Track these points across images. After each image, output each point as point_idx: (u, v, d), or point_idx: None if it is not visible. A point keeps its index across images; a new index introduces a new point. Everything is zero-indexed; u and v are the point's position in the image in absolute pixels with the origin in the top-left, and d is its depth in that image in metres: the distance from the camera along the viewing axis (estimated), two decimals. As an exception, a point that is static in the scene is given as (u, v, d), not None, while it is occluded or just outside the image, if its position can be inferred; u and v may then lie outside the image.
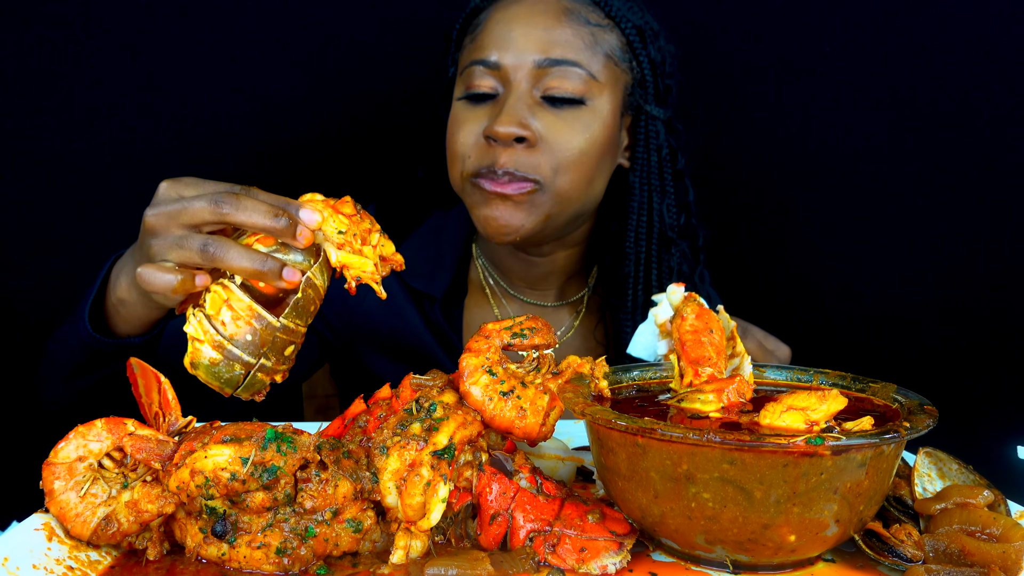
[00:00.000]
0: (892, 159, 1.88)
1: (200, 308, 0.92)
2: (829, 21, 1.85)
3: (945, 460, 0.99)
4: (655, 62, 1.46)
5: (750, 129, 1.91)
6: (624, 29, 1.43)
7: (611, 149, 1.43)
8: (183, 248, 0.94)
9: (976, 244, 1.88)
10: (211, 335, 0.91)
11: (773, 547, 0.82)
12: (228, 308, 0.92)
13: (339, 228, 0.96)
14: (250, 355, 0.91)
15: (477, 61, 1.38)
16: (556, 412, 0.93)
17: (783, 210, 1.94)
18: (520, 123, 1.32)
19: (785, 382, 1.03)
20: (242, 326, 0.91)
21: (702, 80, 1.85)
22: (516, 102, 1.34)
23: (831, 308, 1.29)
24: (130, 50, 1.76)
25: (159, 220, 0.97)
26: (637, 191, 1.49)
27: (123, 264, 1.08)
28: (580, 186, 1.38)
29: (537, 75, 1.35)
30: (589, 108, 1.37)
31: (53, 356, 1.18)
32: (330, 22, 1.81)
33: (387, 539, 0.87)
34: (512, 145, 1.33)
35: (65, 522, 0.84)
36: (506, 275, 1.56)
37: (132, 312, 1.07)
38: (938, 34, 1.83)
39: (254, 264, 0.92)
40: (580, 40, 1.37)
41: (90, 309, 1.10)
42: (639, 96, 1.47)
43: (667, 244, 1.53)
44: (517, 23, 1.38)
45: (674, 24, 1.57)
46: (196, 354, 0.91)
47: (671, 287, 1.09)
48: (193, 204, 0.95)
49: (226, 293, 0.92)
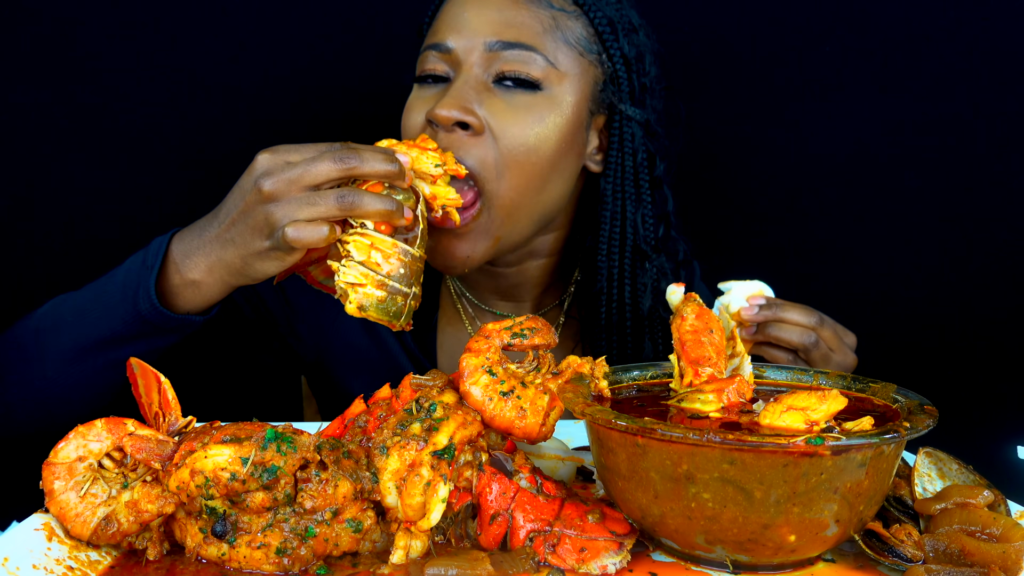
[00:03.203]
0: (892, 159, 1.88)
1: (347, 258, 1.02)
2: (829, 21, 1.85)
3: (945, 460, 0.99)
4: (628, 57, 1.35)
5: (748, 129, 1.91)
6: (594, 18, 1.32)
7: (572, 147, 1.31)
8: (316, 205, 1.01)
9: (976, 244, 1.88)
10: (372, 277, 1.01)
11: (773, 547, 0.82)
12: (375, 250, 1.02)
13: (434, 162, 1.10)
14: (405, 286, 1.03)
15: (430, 46, 1.30)
16: (556, 412, 0.93)
17: (782, 210, 1.94)
18: (463, 107, 1.21)
19: (785, 382, 1.03)
20: (394, 263, 1.03)
21: (701, 80, 1.85)
22: (463, 85, 1.24)
23: (830, 308, 1.29)
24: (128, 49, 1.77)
25: (279, 186, 1.03)
26: (610, 199, 1.38)
27: (196, 247, 1.10)
28: (529, 190, 1.26)
29: (489, 59, 1.25)
30: (545, 96, 1.26)
31: (64, 328, 1.15)
32: (330, 21, 1.81)
33: (387, 539, 0.87)
34: (454, 130, 1.22)
35: (65, 522, 0.84)
36: (475, 288, 1.47)
37: (202, 293, 1.11)
38: (938, 34, 1.83)
39: (386, 206, 1.03)
40: (539, 23, 1.27)
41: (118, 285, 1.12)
42: (612, 93, 1.35)
43: (642, 258, 1.41)
44: (471, 4, 1.29)
45: (673, 24, 1.56)
46: (364, 297, 1.01)
47: (671, 287, 1.09)
48: (316, 165, 1.03)
49: (367, 238, 1.02)
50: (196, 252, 1.10)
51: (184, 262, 1.10)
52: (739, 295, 1.24)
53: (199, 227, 1.12)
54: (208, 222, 1.11)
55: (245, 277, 1.09)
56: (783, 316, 1.23)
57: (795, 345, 1.24)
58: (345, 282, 1.02)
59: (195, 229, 1.12)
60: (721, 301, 1.24)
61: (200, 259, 1.09)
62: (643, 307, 1.41)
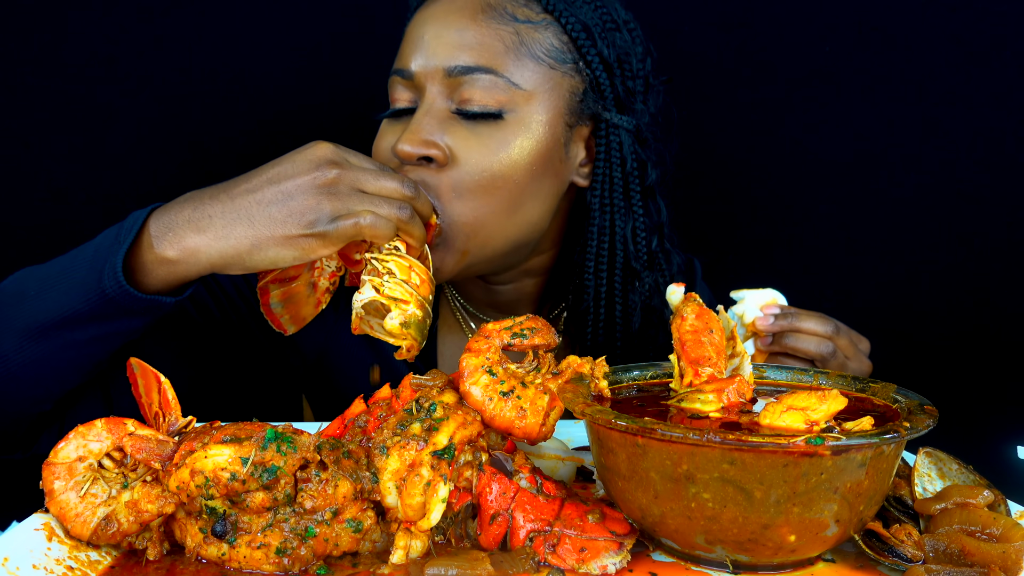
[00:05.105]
0: (891, 159, 1.88)
1: (389, 275, 1.04)
2: (830, 21, 1.85)
3: (945, 460, 0.99)
4: (609, 61, 1.27)
5: (747, 129, 1.91)
6: (566, 24, 1.24)
7: (547, 167, 1.23)
8: (381, 207, 1.04)
9: (976, 244, 1.88)
10: (415, 296, 1.03)
11: (773, 547, 0.82)
12: (414, 272, 1.05)
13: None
14: (431, 310, 1.07)
15: (395, 71, 1.25)
16: (556, 412, 0.93)
17: (780, 210, 1.94)
18: (424, 141, 1.16)
19: (785, 382, 1.03)
20: (427, 287, 1.06)
21: (701, 81, 1.85)
22: (424, 117, 1.19)
23: (830, 308, 1.29)
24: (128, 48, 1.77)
25: (344, 180, 1.04)
26: (597, 213, 1.30)
27: (182, 222, 1.02)
28: (497, 213, 1.20)
29: (450, 84, 1.19)
30: (510, 122, 1.19)
31: (26, 302, 1.06)
32: (330, 20, 1.81)
33: (387, 539, 0.87)
34: (421, 164, 1.18)
35: (65, 522, 0.84)
36: (471, 301, 1.44)
37: (176, 273, 1.03)
38: (938, 33, 1.83)
39: (424, 236, 1.09)
40: (499, 42, 1.20)
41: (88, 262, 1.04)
42: (594, 102, 1.27)
43: (632, 276, 1.34)
44: (430, 25, 1.22)
45: (673, 24, 1.55)
46: (407, 315, 1.02)
47: (671, 287, 1.08)
48: (384, 179, 1.07)
49: (406, 260, 1.05)
50: (180, 227, 1.02)
51: (161, 238, 1.02)
52: (752, 304, 1.22)
53: (192, 202, 1.04)
54: (212, 197, 1.04)
55: (240, 262, 1.03)
56: (799, 326, 1.20)
57: (812, 355, 1.21)
58: (389, 297, 1.02)
59: (185, 204, 1.04)
60: (734, 311, 1.23)
61: (184, 235, 1.02)
62: (633, 326, 1.37)
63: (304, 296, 1.18)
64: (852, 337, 1.25)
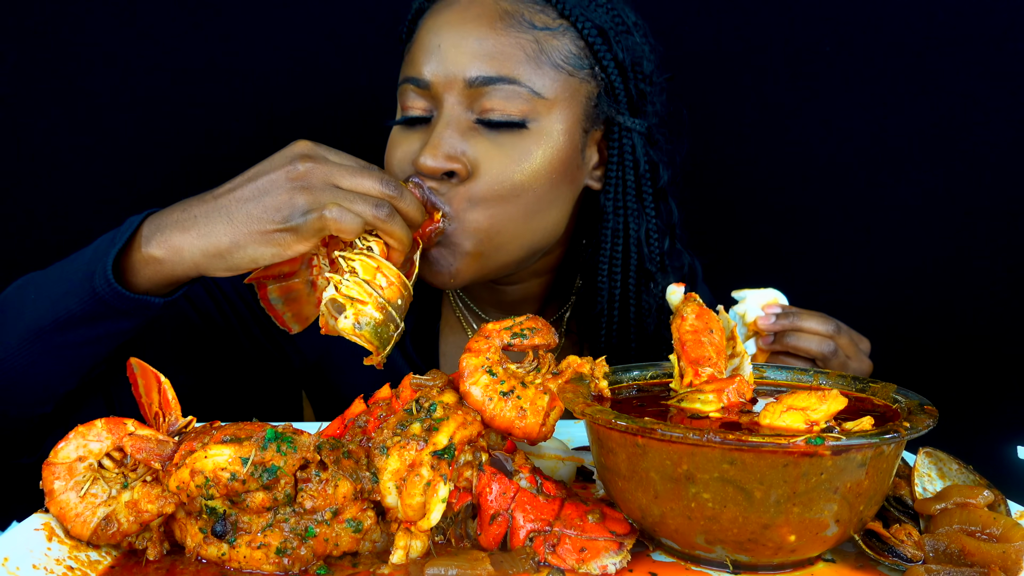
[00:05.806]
0: (891, 159, 1.88)
1: (351, 273, 0.99)
2: (830, 21, 1.85)
3: (945, 460, 0.99)
4: (623, 65, 1.26)
5: (746, 129, 1.91)
6: (582, 30, 1.23)
7: (566, 175, 1.23)
8: (355, 203, 1.00)
9: (976, 244, 1.88)
10: (374, 297, 0.98)
11: (773, 547, 0.82)
12: (381, 274, 1.00)
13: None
14: (399, 316, 1.01)
15: (408, 78, 1.22)
16: (556, 412, 0.93)
17: (781, 210, 1.94)
18: (447, 156, 1.15)
19: (785, 382, 1.03)
20: (395, 291, 1.01)
21: (701, 81, 1.85)
22: (444, 129, 1.16)
23: (830, 308, 1.29)
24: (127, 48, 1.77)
25: (316, 175, 1.01)
26: (611, 216, 1.30)
27: (171, 223, 1.03)
28: (514, 221, 1.19)
29: (471, 95, 1.17)
30: (533, 132, 1.19)
31: (27, 305, 1.08)
32: (330, 19, 1.81)
33: (387, 539, 0.87)
34: (443, 179, 1.16)
35: (65, 522, 0.84)
36: (476, 301, 1.43)
37: (162, 272, 1.03)
38: (939, 32, 1.83)
39: (408, 237, 1.04)
40: (520, 51, 1.18)
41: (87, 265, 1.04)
42: (608, 106, 1.27)
43: (646, 278, 1.33)
44: (447, 31, 1.19)
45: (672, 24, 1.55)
46: (361, 314, 0.97)
47: (671, 287, 1.08)
48: (361, 176, 1.02)
49: (375, 261, 1.01)
50: (168, 228, 1.03)
51: (150, 238, 1.03)
52: (754, 304, 1.23)
53: (182, 204, 1.06)
54: (200, 199, 1.05)
55: (222, 261, 1.03)
56: (800, 325, 1.21)
57: (813, 354, 1.21)
58: (346, 296, 0.98)
59: (176, 207, 1.06)
60: (736, 310, 1.24)
61: (170, 235, 1.02)
62: (648, 328, 1.37)
63: (305, 295, 1.18)
64: (853, 337, 1.25)
